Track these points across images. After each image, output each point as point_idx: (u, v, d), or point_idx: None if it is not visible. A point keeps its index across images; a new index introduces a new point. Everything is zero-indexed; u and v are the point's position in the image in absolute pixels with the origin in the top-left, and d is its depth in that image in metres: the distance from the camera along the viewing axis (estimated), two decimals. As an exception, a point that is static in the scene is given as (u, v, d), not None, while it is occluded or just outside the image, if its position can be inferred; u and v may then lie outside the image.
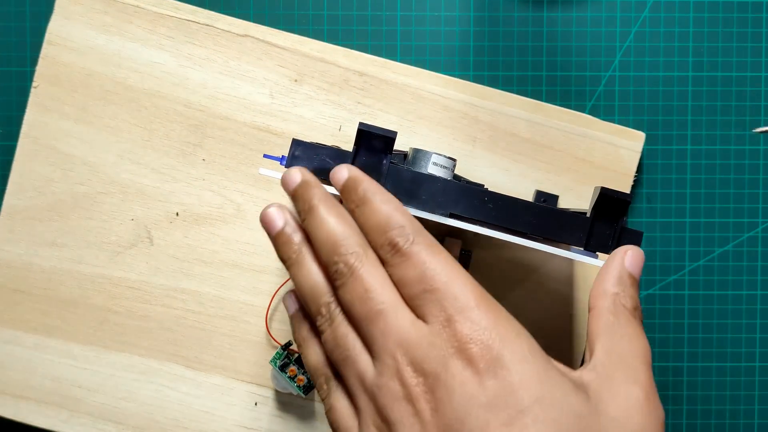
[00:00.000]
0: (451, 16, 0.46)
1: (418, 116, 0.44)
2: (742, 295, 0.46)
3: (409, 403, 0.23)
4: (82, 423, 0.43)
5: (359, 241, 0.26)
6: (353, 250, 0.26)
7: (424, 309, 0.24)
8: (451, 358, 0.23)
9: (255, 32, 0.44)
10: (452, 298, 0.24)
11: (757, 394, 0.46)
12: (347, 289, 0.25)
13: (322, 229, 0.27)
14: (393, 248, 0.25)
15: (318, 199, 0.27)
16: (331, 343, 0.26)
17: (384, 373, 0.24)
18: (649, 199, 0.46)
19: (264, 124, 0.44)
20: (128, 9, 0.44)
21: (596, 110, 0.46)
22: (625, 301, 0.26)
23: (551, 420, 0.21)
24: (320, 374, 0.28)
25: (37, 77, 0.44)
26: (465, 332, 0.23)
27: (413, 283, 0.25)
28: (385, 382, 0.24)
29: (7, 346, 0.43)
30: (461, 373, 0.22)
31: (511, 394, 0.22)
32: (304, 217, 0.28)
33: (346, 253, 0.26)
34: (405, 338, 0.24)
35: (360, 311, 0.25)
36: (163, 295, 0.44)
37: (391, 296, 0.25)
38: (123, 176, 0.44)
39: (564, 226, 0.32)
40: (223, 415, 0.43)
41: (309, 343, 0.29)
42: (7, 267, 0.44)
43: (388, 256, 0.26)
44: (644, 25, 0.46)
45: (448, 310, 0.24)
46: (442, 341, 0.23)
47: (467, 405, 0.22)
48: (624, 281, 0.27)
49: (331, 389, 0.27)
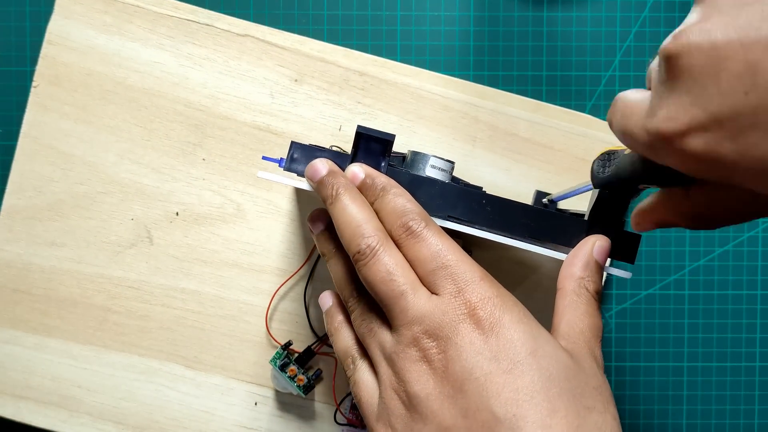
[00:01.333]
0: (451, 15, 0.46)
1: (418, 116, 0.44)
2: (742, 295, 0.46)
3: (424, 363, 0.27)
4: (82, 423, 0.43)
5: (378, 226, 0.30)
6: (374, 233, 0.29)
7: (437, 283, 0.28)
8: (460, 323, 0.27)
9: (255, 32, 0.44)
10: (461, 273, 0.28)
11: (757, 394, 0.46)
12: (371, 271, 0.29)
13: (346, 214, 0.30)
14: (407, 231, 0.29)
15: (343, 187, 0.31)
16: (359, 319, 0.31)
17: (401, 342, 0.28)
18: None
19: (264, 124, 0.44)
20: (128, 9, 0.44)
21: (596, 110, 0.46)
22: (588, 285, 0.30)
23: (543, 368, 0.26)
24: (348, 355, 0.32)
25: (37, 77, 0.44)
26: (473, 300, 0.27)
27: (427, 261, 0.29)
28: (403, 348, 0.28)
29: (7, 346, 0.43)
30: (469, 334, 0.27)
31: (511, 349, 0.26)
32: (330, 203, 0.31)
33: (368, 236, 0.29)
34: (422, 312, 0.28)
35: (383, 291, 0.29)
36: (162, 295, 0.44)
37: (410, 277, 0.29)
38: (123, 176, 0.44)
39: (561, 228, 0.32)
40: (223, 415, 0.43)
41: (341, 330, 0.33)
42: (7, 267, 0.44)
43: (402, 237, 0.30)
44: (644, 25, 0.46)
45: (458, 283, 0.28)
46: (453, 309, 0.27)
47: (474, 359, 0.26)
48: (590, 267, 0.30)
49: (357, 366, 0.31)
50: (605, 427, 0.25)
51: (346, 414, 0.43)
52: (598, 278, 0.30)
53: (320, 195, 0.32)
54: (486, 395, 0.25)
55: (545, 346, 0.27)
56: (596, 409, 0.26)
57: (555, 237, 0.32)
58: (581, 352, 0.28)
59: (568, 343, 0.28)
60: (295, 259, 0.44)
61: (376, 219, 0.30)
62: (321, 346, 0.43)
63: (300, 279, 0.44)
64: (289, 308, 0.44)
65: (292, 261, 0.44)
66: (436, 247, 0.29)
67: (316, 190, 0.33)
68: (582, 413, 0.25)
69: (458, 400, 0.26)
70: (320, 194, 0.32)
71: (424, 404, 0.27)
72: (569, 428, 0.24)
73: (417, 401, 0.27)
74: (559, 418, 0.24)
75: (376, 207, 0.31)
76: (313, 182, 0.32)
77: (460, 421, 0.25)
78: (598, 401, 0.26)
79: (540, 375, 0.25)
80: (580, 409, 0.25)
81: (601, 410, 0.26)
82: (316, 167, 0.32)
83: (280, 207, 0.44)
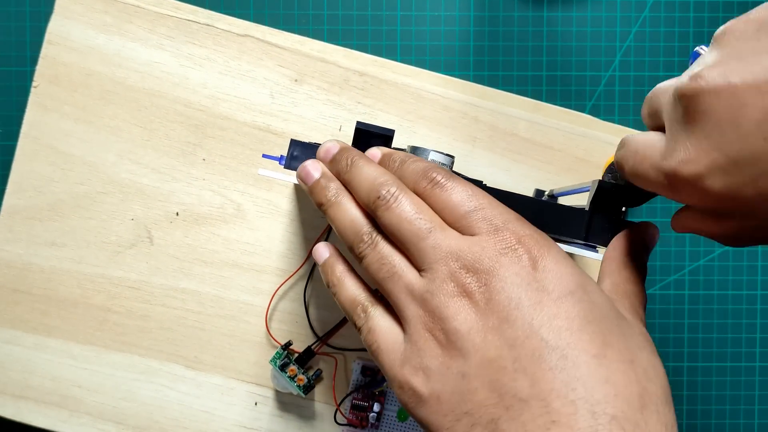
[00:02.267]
0: (451, 16, 0.46)
1: (418, 116, 0.44)
2: (742, 295, 0.46)
3: (464, 297, 0.25)
4: (82, 423, 0.43)
5: (399, 181, 0.29)
6: (395, 183, 0.28)
7: (471, 224, 0.27)
8: (502, 256, 0.25)
9: (255, 32, 0.44)
10: (498, 213, 0.27)
11: (757, 394, 0.46)
12: (394, 212, 0.27)
13: (365, 171, 0.29)
14: (433, 182, 0.28)
15: (358, 155, 0.30)
16: (376, 264, 0.28)
17: (436, 279, 0.26)
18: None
19: (264, 124, 0.44)
20: (128, 9, 0.44)
21: (596, 110, 0.46)
22: (637, 258, 0.29)
23: (590, 301, 0.25)
24: (356, 304, 0.29)
25: (37, 77, 0.44)
26: (514, 236, 0.26)
27: (458, 205, 0.27)
28: (438, 285, 0.26)
29: (7, 346, 0.43)
30: (514, 265, 0.25)
31: (560, 280, 0.25)
32: (346, 171, 0.30)
33: (389, 183, 0.28)
34: (456, 247, 0.26)
35: (408, 230, 0.27)
36: (162, 295, 0.44)
37: (437, 218, 0.27)
38: (123, 176, 0.44)
39: (563, 219, 0.32)
40: (223, 415, 0.43)
41: (345, 279, 0.31)
42: (7, 267, 0.44)
43: (428, 188, 0.28)
44: (644, 25, 0.46)
45: (495, 222, 0.26)
46: (492, 244, 0.26)
47: (521, 288, 0.25)
48: (639, 245, 0.29)
49: (369, 314, 0.29)
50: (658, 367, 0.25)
51: (346, 414, 0.43)
52: (645, 256, 0.30)
53: (332, 171, 0.31)
54: (536, 323, 0.24)
55: (591, 283, 0.26)
56: (647, 350, 0.25)
57: (556, 228, 0.32)
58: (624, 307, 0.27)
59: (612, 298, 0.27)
60: (295, 259, 0.44)
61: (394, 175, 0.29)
62: (321, 346, 0.43)
63: (300, 279, 0.44)
64: (289, 308, 0.44)
65: (292, 261, 0.44)
66: (465, 193, 0.27)
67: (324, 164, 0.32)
68: (634, 350, 0.24)
69: (505, 331, 0.24)
70: (332, 171, 0.31)
71: (465, 338, 0.25)
72: (623, 362, 0.23)
73: (457, 336, 0.25)
74: (614, 351, 0.23)
75: (397, 175, 0.30)
76: (327, 160, 0.32)
77: (506, 351, 0.24)
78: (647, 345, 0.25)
79: (593, 307, 0.24)
80: (632, 347, 0.24)
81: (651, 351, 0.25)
82: (328, 146, 0.32)
83: (280, 207, 0.44)
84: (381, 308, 0.29)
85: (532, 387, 0.23)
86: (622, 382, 0.23)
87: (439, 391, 0.25)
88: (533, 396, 0.23)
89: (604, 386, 0.22)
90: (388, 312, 0.28)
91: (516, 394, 0.23)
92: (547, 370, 0.23)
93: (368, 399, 0.42)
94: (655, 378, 0.24)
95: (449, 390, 0.25)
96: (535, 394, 0.23)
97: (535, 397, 0.23)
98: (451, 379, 0.25)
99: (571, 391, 0.22)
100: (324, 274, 0.32)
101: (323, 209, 0.31)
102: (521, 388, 0.23)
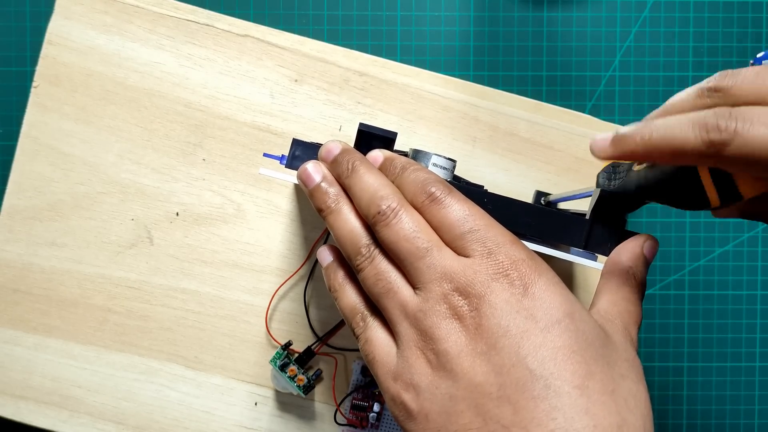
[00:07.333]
0: (451, 16, 0.46)
1: (418, 116, 0.44)
2: (742, 295, 0.46)
3: (455, 320, 0.26)
4: (82, 423, 0.43)
5: (398, 192, 0.29)
6: (394, 195, 0.28)
7: (466, 246, 0.27)
8: (494, 281, 0.26)
9: (255, 32, 0.44)
10: (492, 236, 0.27)
11: (757, 394, 0.46)
12: (392, 230, 0.28)
13: (365, 180, 0.29)
14: (430, 197, 0.28)
15: (360, 160, 0.31)
16: (372, 279, 0.29)
17: (429, 299, 0.27)
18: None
19: (264, 124, 0.44)
20: (128, 9, 0.44)
21: (596, 110, 0.46)
22: (636, 274, 0.29)
23: (576, 330, 0.25)
24: (356, 313, 0.30)
25: (37, 77, 0.44)
26: (506, 261, 0.26)
27: (455, 225, 0.27)
28: (431, 305, 0.26)
29: (7, 346, 0.43)
30: (504, 292, 0.26)
31: (548, 308, 0.25)
32: (346, 176, 0.30)
33: (389, 198, 0.28)
34: (450, 269, 0.27)
35: (406, 248, 0.27)
36: (163, 295, 0.44)
37: (434, 237, 0.28)
38: (123, 176, 0.44)
39: (563, 227, 0.32)
40: (223, 415, 0.43)
41: (345, 287, 0.31)
42: (7, 267, 0.44)
43: (426, 203, 0.28)
44: (644, 25, 0.46)
45: (489, 245, 0.27)
46: (485, 269, 0.26)
47: (510, 316, 0.25)
48: (638, 260, 0.30)
49: (368, 324, 0.29)
50: (639, 395, 0.25)
51: (346, 414, 0.43)
52: (644, 272, 0.30)
53: (333, 173, 0.31)
54: (522, 352, 0.24)
55: (581, 311, 0.26)
56: (630, 378, 0.25)
57: (557, 236, 0.32)
58: (616, 329, 0.27)
59: (604, 319, 0.28)
60: (295, 259, 0.44)
61: (396, 188, 0.29)
62: (321, 346, 0.43)
63: (300, 279, 0.44)
64: (289, 308, 0.44)
65: (292, 261, 0.44)
66: (462, 212, 0.28)
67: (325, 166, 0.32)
68: (617, 379, 0.25)
69: (492, 357, 0.25)
70: (333, 173, 0.31)
71: (454, 362, 0.25)
72: (604, 392, 0.24)
73: (446, 359, 0.26)
74: (596, 381, 0.24)
75: (397, 183, 0.30)
76: (328, 162, 0.32)
77: (493, 377, 0.24)
78: (631, 372, 0.26)
79: (578, 337, 0.25)
80: (615, 376, 0.25)
81: (634, 380, 0.25)
82: (330, 146, 0.32)
83: (280, 207, 0.44)
84: (378, 320, 0.29)
85: (514, 415, 0.24)
86: (602, 413, 0.23)
87: (427, 410, 0.26)
88: (515, 423, 0.23)
89: (584, 417, 0.23)
90: (384, 325, 0.29)
91: (499, 420, 0.24)
92: (530, 399, 0.24)
93: (368, 399, 0.43)
94: (635, 408, 0.25)
95: (437, 409, 0.25)
96: (517, 422, 0.23)
97: (517, 425, 0.23)
98: (440, 398, 0.25)
99: (552, 420, 0.23)
100: (327, 278, 0.32)
101: (323, 215, 0.31)
102: (504, 415, 0.24)
